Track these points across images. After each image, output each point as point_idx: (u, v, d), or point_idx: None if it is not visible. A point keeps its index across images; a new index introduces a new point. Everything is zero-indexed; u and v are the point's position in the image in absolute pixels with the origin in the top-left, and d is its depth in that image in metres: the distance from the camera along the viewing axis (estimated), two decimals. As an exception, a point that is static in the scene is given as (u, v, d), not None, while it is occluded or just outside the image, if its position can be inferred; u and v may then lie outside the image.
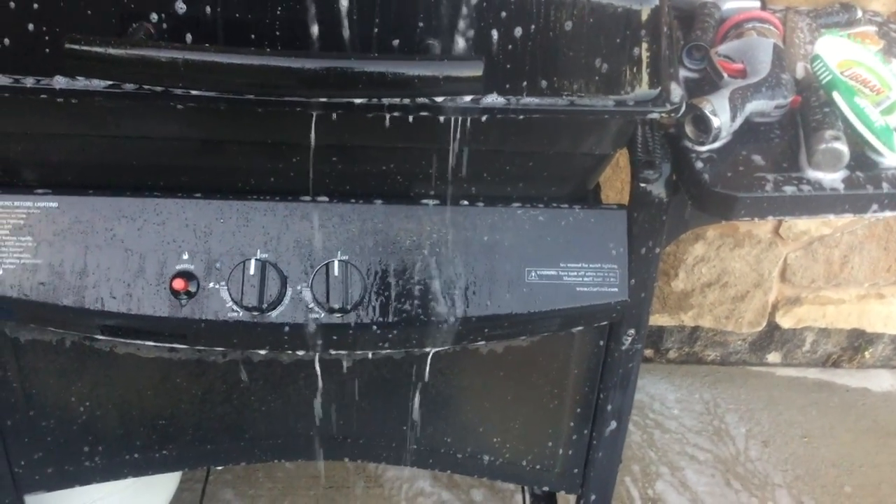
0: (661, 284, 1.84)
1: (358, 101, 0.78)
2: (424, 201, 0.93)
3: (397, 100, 0.79)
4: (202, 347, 0.98)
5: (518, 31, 0.79)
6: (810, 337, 1.98)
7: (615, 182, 1.62)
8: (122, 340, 0.97)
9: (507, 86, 0.81)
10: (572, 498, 1.25)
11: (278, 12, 0.76)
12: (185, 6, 0.75)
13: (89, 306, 0.88)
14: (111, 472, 1.10)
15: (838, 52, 1.00)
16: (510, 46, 0.79)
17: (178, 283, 0.88)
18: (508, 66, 0.80)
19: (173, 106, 0.79)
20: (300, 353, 0.98)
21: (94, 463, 1.08)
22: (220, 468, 1.65)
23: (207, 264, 0.89)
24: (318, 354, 0.98)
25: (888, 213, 0.92)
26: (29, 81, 0.77)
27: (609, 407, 1.08)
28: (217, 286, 0.89)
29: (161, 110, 0.81)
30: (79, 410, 1.04)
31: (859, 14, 1.19)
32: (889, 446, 1.82)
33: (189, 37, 0.76)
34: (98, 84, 0.77)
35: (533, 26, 0.79)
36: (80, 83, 0.77)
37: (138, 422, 1.07)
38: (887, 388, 1.99)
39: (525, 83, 0.81)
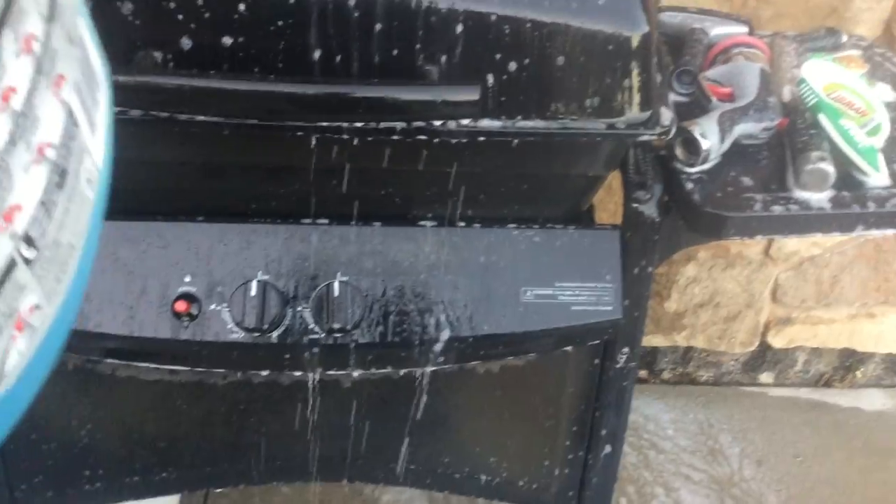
0: (654, 305, 1.85)
1: (357, 125, 0.81)
2: (422, 223, 0.95)
3: (396, 124, 0.81)
4: (203, 369, 0.99)
5: (513, 64, 0.81)
6: (802, 357, 1.99)
7: (608, 204, 1.64)
8: (124, 363, 0.98)
9: (503, 110, 0.83)
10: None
11: (280, 40, 0.78)
12: (190, 42, 0.77)
13: (92, 329, 0.90)
14: (111, 495, 1.10)
15: (824, 76, 1.03)
16: (505, 76, 0.82)
17: (181, 306, 0.89)
18: (504, 91, 0.82)
19: (178, 132, 0.80)
20: (300, 373, 0.99)
21: (95, 486, 1.09)
22: (217, 493, 1.65)
23: (209, 286, 0.91)
24: (317, 375, 0.99)
25: (874, 232, 0.94)
26: (36, 108, 0.79)
27: (604, 425, 1.10)
28: (219, 308, 0.90)
29: (166, 136, 0.83)
30: (80, 434, 1.05)
31: (844, 38, 1.22)
32: (882, 465, 1.83)
33: (194, 64, 0.78)
34: (104, 110, 0.79)
35: (527, 59, 0.81)
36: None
37: (139, 444, 1.07)
38: (879, 407, 2.00)
39: (520, 108, 0.83)
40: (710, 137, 0.92)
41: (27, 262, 0.36)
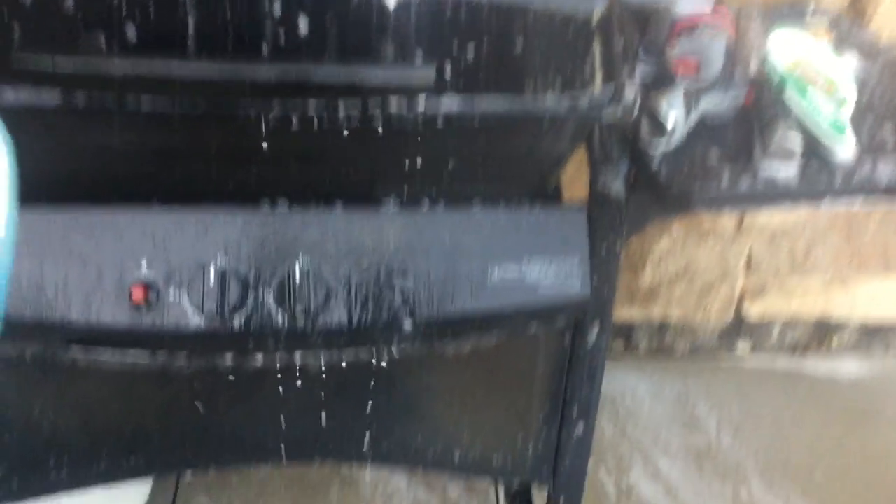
0: (629, 278, 1.85)
1: (313, 107, 0.79)
2: (385, 204, 0.93)
3: (353, 104, 0.79)
4: (165, 356, 0.98)
5: (473, 42, 0.79)
6: (777, 326, 2.00)
7: (579, 180, 1.62)
8: (83, 352, 0.96)
9: (463, 89, 0.81)
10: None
11: (231, 22, 0.75)
12: (138, 27, 0.75)
13: (48, 319, 0.88)
14: (78, 482, 1.09)
15: (790, 49, 1.02)
16: (465, 54, 0.80)
17: (138, 293, 0.88)
18: (464, 70, 0.81)
19: (126, 117, 0.78)
20: (264, 359, 0.98)
21: (61, 474, 1.08)
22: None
23: (167, 273, 0.89)
24: (282, 359, 0.98)
25: (841, 204, 0.93)
26: (-22, 94, 0.77)
27: (576, 403, 1.09)
28: (177, 295, 0.89)
29: (114, 121, 0.81)
30: (42, 423, 1.03)
31: (810, 10, 1.20)
32: (856, 432, 1.85)
33: (143, 49, 0.76)
34: (49, 96, 0.77)
35: (487, 37, 0.79)
36: (31, 96, 0.76)
37: (104, 431, 1.06)
38: (854, 374, 2.02)
39: (481, 86, 0.82)
40: (675, 113, 0.91)
41: None
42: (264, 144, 0.83)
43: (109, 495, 1.35)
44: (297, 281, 0.90)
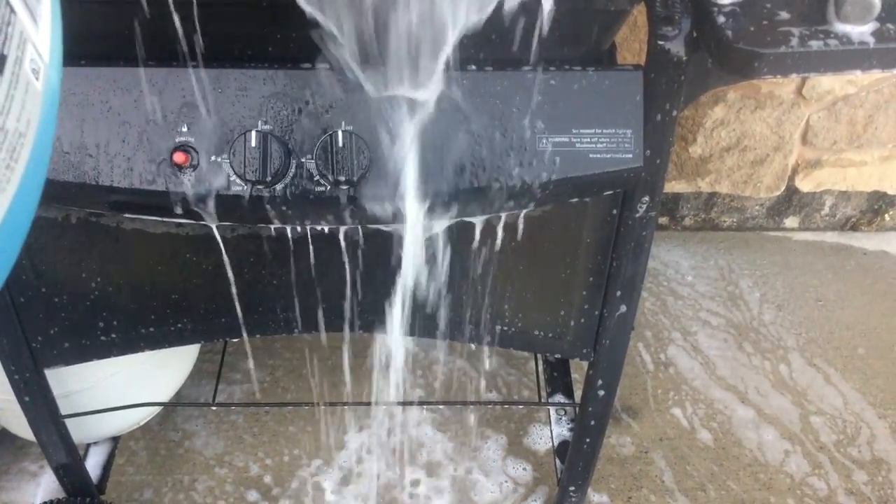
0: (678, 150, 1.80)
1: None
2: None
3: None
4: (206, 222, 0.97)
5: None
6: (829, 200, 1.94)
7: (633, 43, 1.55)
8: (127, 216, 0.96)
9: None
10: (585, 363, 1.26)
11: None
12: None
13: (90, 182, 0.86)
14: (127, 346, 1.11)
15: None
16: None
17: (179, 157, 0.85)
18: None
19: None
20: (307, 226, 0.96)
21: (110, 337, 1.10)
22: (237, 340, 1.68)
23: (208, 137, 0.87)
24: (325, 227, 0.97)
25: (919, 69, 0.87)
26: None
27: (621, 275, 1.07)
28: (219, 159, 0.87)
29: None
30: (90, 286, 1.04)
31: None
32: (904, 309, 1.82)
33: None
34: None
35: None
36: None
37: (150, 296, 1.07)
38: (905, 250, 1.97)
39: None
40: (744, -36, 0.84)
41: None
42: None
43: (157, 361, 1.39)
44: (340, 147, 0.87)
